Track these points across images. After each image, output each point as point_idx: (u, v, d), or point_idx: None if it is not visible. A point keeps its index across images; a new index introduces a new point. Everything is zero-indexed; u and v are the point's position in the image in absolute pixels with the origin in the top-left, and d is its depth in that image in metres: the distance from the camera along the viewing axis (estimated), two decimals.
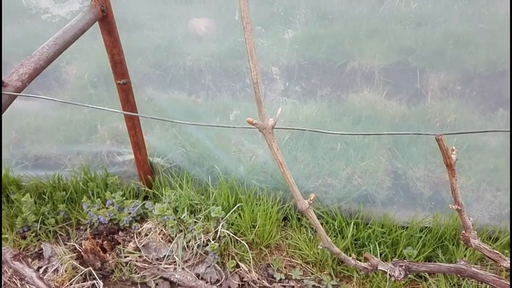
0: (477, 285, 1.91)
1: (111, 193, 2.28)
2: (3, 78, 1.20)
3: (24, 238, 2.21)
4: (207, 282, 2.04)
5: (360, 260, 1.43)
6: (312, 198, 1.05)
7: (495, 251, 1.31)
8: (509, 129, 1.07)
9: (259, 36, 2.77)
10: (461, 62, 2.62)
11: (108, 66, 1.86)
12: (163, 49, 2.80)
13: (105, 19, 1.63)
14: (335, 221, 2.15)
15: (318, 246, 1.30)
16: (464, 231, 1.30)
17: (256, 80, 0.75)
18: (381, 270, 1.37)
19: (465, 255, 2.01)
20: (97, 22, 1.62)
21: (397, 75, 2.71)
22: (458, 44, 2.64)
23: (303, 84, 2.73)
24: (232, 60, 2.81)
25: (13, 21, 2.70)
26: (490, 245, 1.96)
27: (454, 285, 1.96)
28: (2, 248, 1.63)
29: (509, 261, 1.29)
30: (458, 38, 2.64)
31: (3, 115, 1.17)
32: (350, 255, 1.39)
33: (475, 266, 1.40)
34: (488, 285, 1.87)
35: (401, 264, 1.41)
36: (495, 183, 2.21)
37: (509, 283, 1.31)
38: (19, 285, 1.98)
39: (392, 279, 1.37)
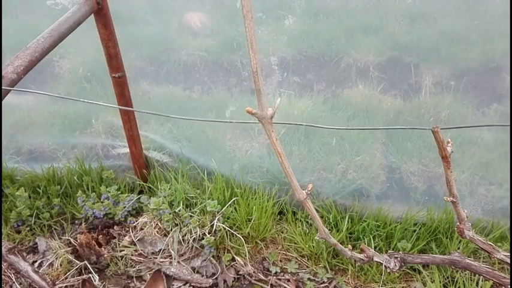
0: (470, 277, 1.93)
1: (106, 187, 2.27)
2: None
3: (18, 232, 2.20)
4: (202, 275, 2.05)
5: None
6: (309, 189, 1.05)
7: (489, 243, 1.33)
8: (508, 124, 1.08)
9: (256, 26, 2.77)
10: (455, 58, 2.64)
11: (102, 60, 1.85)
12: (158, 43, 2.80)
13: (100, 11, 1.62)
14: (330, 214, 2.16)
15: (315, 237, 1.31)
16: (458, 223, 1.31)
17: (255, 70, 0.76)
18: (376, 261, 1.38)
19: (458, 248, 2.03)
20: (92, 15, 1.61)
21: (392, 70, 2.73)
22: (452, 40, 2.66)
23: (298, 79, 2.73)
24: (227, 55, 2.80)
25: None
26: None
27: (447, 277, 1.98)
28: None
29: (502, 253, 1.31)
30: (452, 34, 2.66)
31: None
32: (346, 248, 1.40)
33: (469, 258, 1.42)
34: (481, 277, 1.90)
35: (396, 255, 1.42)
36: (488, 177, 2.24)
37: (502, 274, 1.32)
38: (14, 279, 1.97)
39: (388, 270, 1.38)
